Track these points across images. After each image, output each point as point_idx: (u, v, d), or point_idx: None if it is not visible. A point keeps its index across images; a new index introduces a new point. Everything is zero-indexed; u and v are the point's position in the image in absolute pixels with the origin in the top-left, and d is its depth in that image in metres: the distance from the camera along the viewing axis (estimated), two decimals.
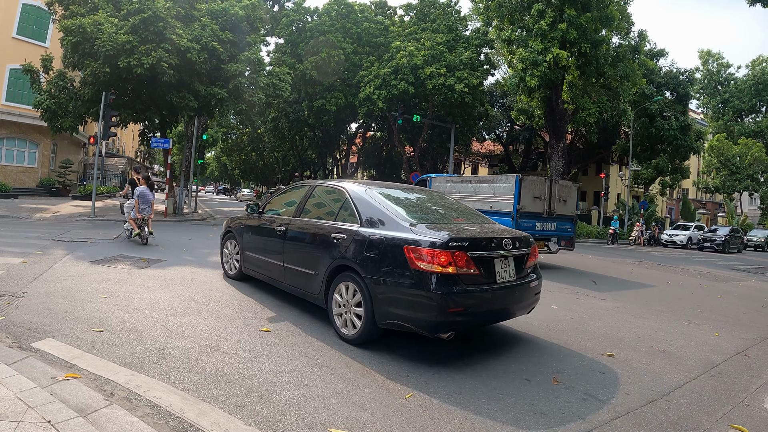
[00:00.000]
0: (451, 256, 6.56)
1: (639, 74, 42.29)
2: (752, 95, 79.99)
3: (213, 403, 5.03)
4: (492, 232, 7.58)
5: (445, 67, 40.83)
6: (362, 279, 7.26)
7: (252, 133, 77.42)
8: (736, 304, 14.70)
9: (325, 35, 45.94)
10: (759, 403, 6.51)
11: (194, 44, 27.98)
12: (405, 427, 4.88)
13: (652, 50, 52.36)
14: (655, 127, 52.16)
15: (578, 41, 37.22)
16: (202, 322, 7.78)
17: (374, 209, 7.75)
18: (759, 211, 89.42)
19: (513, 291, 7.34)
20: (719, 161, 70.16)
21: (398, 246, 6.88)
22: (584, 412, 5.66)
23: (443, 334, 6.69)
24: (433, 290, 6.44)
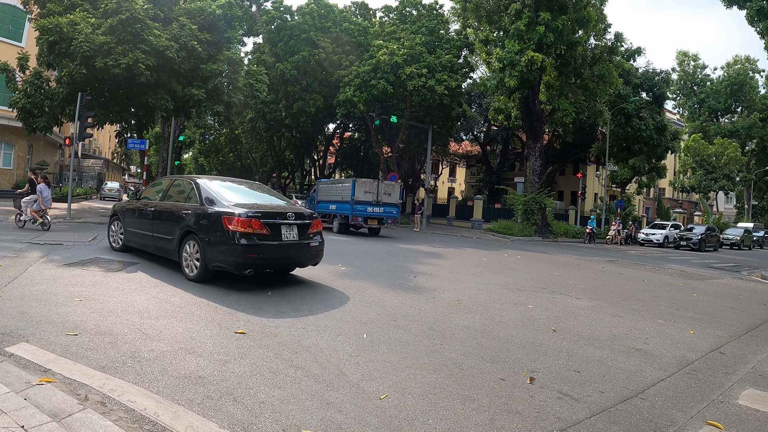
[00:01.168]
0: (249, 222, 10.62)
1: (615, 75, 42.61)
2: (728, 96, 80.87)
3: (187, 406, 4.99)
4: (280, 209, 11.60)
5: (426, 67, 40.86)
6: (200, 239, 11.08)
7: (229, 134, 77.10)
8: (712, 302, 14.82)
9: (307, 33, 45.87)
10: (734, 400, 6.57)
11: (172, 43, 27.84)
12: (379, 428, 4.86)
13: (629, 50, 52.70)
14: (631, 127, 52.55)
15: (554, 43, 37.41)
16: (177, 325, 7.72)
17: (210, 193, 11.70)
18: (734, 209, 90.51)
19: (295, 247, 11.48)
20: (695, 161, 70.88)
21: (220, 216, 10.81)
22: (559, 411, 5.67)
23: (246, 272, 10.64)
24: (238, 243, 10.46)
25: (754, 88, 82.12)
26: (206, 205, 11.40)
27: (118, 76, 26.98)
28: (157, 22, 28.42)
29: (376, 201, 30.97)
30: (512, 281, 15.48)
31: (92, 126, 28.75)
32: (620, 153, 55.83)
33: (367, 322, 8.81)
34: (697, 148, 71.20)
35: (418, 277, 14.48)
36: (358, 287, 12.10)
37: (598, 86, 41.70)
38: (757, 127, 76.08)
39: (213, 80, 30.05)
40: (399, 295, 11.60)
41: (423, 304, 10.84)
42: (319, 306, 9.77)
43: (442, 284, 13.66)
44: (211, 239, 10.84)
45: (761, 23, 32.37)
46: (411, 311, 10.01)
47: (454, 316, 9.94)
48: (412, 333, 8.38)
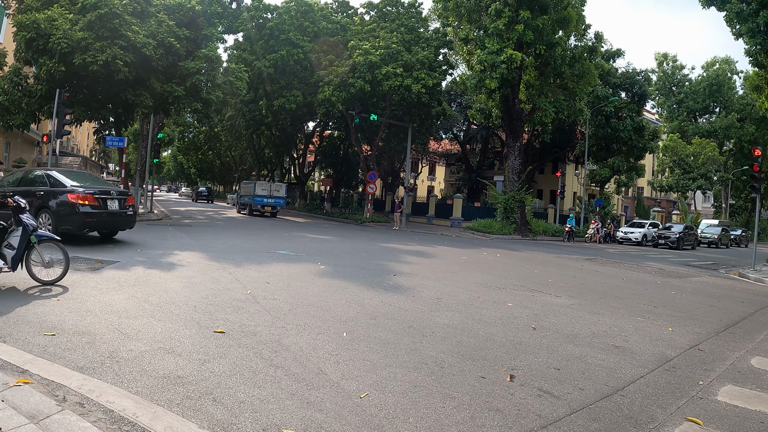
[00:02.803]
0: (86, 197, 15.75)
1: (595, 74, 42.85)
2: (706, 96, 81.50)
3: (167, 406, 4.95)
4: (107, 189, 17.22)
5: (402, 66, 40.81)
6: (51, 210, 15.61)
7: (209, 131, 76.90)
8: (690, 299, 14.95)
9: (286, 34, 45.74)
10: (713, 396, 6.64)
11: (150, 40, 27.63)
12: (360, 427, 4.85)
13: (609, 51, 53.03)
14: (610, 126, 52.82)
15: (534, 42, 37.53)
16: (156, 324, 7.66)
17: (57, 179, 16.29)
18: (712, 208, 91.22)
19: (117, 215, 16.97)
20: (673, 160, 71.35)
21: (65, 193, 15.63)
22: (540, 409, 5.69)
23: (84, 231, 16.37)
24: (79, 211, 15.58)
25: (732, 88, 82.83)
26: (55, 187, 16.05)
27: (96, 73, 26.78)
28: (136, 18, 28.19)
29: (269, 195, 46.54)
30: (492, 279, 15.53)
31: (70, 123, 28.60)
32: (599, 152, 56.09)
33: (347, 321, 8.79)
34: (676, 147, 71.64)
35: (398, 276, 14.48)
36: (337, 286, 12.10)
37: (577, 86, 41.84)
38: (735, 128, 76.71)
39: (191, 78, 29.88)
40: (379, 293, 11.59)
41: (403, 302, 10.85)
42: (298, 305, 9.74)
43: (422, 283, 13.67)
44: (60, 210, 15.59)
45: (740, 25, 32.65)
46: (391, 310, 10.01)
47: (433, 314, 9.95)
48: (392, 331, 8.38)
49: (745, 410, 6.24)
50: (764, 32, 31.57)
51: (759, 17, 30.62)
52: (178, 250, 16.71)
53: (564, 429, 5.25)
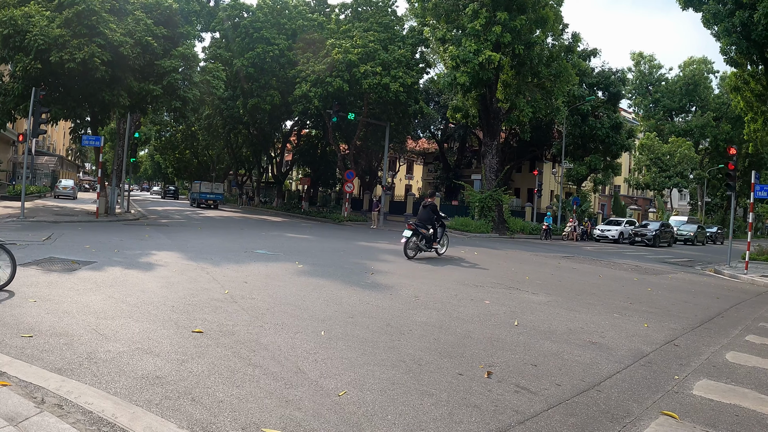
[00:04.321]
0: None
1: (572, 73, 43.05)
2: (682, 95, 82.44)
3: (145, 406, 4.93)
4: None
5: (380, 65, 40.80)
6: None
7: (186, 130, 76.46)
8: (666, 296, 15.09)
9: (260, 32, 45.58)
10: (688, 390, 6.71)
11: (127, 38, 27.42)
12: (339, 425, 4.86)
13: (585, 50, 53.32)
14: (587, 125, 53.18)
15: (512, 43, 37.66)
16: (134, 325, 7.63)
17: None
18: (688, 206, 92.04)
19: None
20: (650, 159, 71.93)
21: None
22: (517, 404, 5.73)
23: None
24: None
25: (708, 88, 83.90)
26: None
27: (73, 71, 26.57)
28: (113, 15, 27.99)
29: (211, 192, 61.52)
30: (469, 277, 15.58)
31: (46, 122, 28.34)
32: (576, 151, 56.43)
33: (325, 320, 8.81)
34: (652, 146, 72.28)
35: (376, 275, 14.52)
36: (315, 284, 12.11)
37: (555, 85, 42.07)
38: (711, 126, 77.68)
39: (168, 76, 29.70)
40: (356, 292, 11.62)
41: (380, 300, 10.89)
42: (276, 304, 9.75)
43: (400, 281, 13.72)
44: None
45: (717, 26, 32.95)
46: (368, 308, 10.04)
47: (411, 312, 10.00)
48: (370, 330, 8.41)
49: (720, 404, 6.32)
50: (740, 32, 31.88)
51: (735, 17, 30.94)
52: (156, 250, 16.63)
53: (541, 424, 5.29)
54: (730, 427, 5.63)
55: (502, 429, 5.11)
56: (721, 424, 5.69)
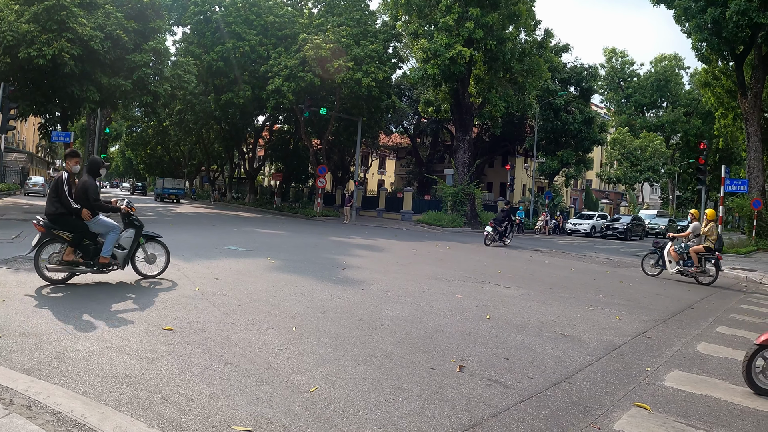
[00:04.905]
0: None
1: (544, 69, 43.31)
2: (653, 91, 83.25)
3: (115, 406, 4.88)
4: None
5: (353, 60, 40.73)
6: None
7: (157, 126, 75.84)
8: (638, 288, 15.21)
9: (231, 27, 45.27)
10: (660, 382, 6.81)
11: (98, 33, 27.14)
12: (310, 421, 4.85)
13: (558, 46, 53.63)
14: (559, 120, 53.55)
15: (484, 39, 37.78)
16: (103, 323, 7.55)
17: None
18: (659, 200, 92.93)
19: None
20: (621, 153, 72.52)
21: None
22: (489, 398, 5.76)
23: None
24: None
25: (679, 84, 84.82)
26: None
27: (42, 67, 26.31)
28: (83, 10, 27.68)
29: (173, 187, 64.31)
30: (441, 272, 15.61)
31: (15, 118, 28.00)
32: (548, 145, 56.77)
33: (296, 315, 8.79)
34: (624, 141, 72.83)
35: (348, 270, 14.51)
36: (287, 280, 12.08)
37: (527, 80, 42.35)
38: (681, 122, 78.55)
39: (138, 71, 29.44)
40: (328, 287, 11.61)
41: (352, 296, 10.89)
42: (248, 300, 9.70)
43: (372, 276, 13.74)
44: None
45: (687, 22, 33.31)
46: (340, 303, 10.04)
47: (383, 307, 10.02)
48: (342, 325, 8.40)
49: (692, 394, 6.41)
50: (711, 29, 32.25)
51: (706, 14, 31.29)
52: None
53: (513, 417, 5.32)
54: (702, 417, 5.71)
55: (474, 423, 5.13)
56: (693, 414, 5.77)
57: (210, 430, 4.56)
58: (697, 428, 5.40)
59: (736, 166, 72.55)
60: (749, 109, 35.08)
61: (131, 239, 10.80)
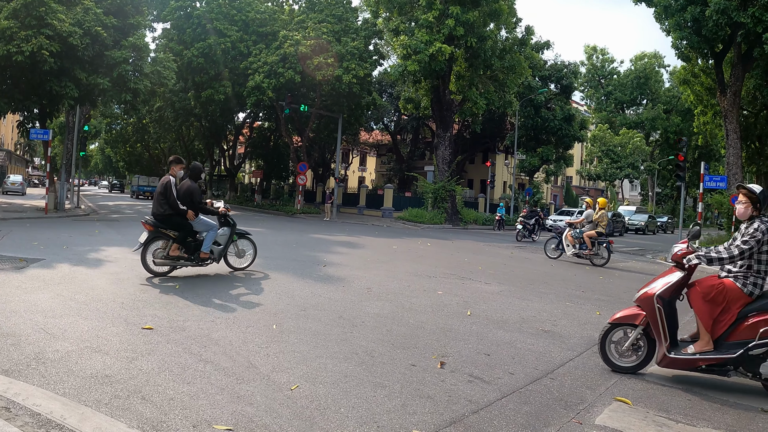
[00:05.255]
0: None
1: (525, 66, 43.54)
2: (633, 88, 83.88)
3: (95, 407, 4.84)
4: None
5: (333, 57, 40.67)
6: None
7: (137, 123, 75.39)
8: (618, 283, 15.32)
9: (212, 23, 45.03)
10: (640, 376, 6.90)
11: (76, 29, 26.88)
12: (291, 419, 4.84)
13: (539, 43, 53.87)
14: (540, 117, 53.81)
15: (465, 36, 37.86)
16: (83, 323, 7.49)
17: None
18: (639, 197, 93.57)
19: None
20: (601, 150, 72.97)
21: None
22: (470, 394, 5.77)
23: None
24: None
25: (659, 82, 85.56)
26: None
27: (21, 63, 26.01)
28: (62, 5, 27.43)
29: (147, 185, 64.75)
30: (422, 268, 15.63)
31: None
32: (529, 142, 56.98)
33: (277, 313, 8.78)
34: (604, 138, 73.30)
35: (328, 267, 14.51)
36: (267, 278, 12.04)
37: (508, 77, 42.51)
38: (661, 119, 79.16)
39: (118, 67, 29.18)
40: (309, 284, 11.61)
41: (333, 293, 10.89)
42: (228, 298, 9.69)
43: (352, 273, 13.73)
44: None
45: (667, 20, 33.52)
46: (321, 300, 10.04)
47: (364, 304, 10.02)
48: (322, 322, 8.40)
49: (672, 389, 6.48)
50: (691, 27, 32.49)
51: (686, 12, 31.52)
52: (105, 246, 16.38)
53: (495, 413, 5.33)
54: (683, 410, 5.77)
55: (456, 419, 5.13)
56: (673, 408, 5.83)
57: (190, 429, 4.54)
58: (678, 422, 5.44)
59: (715, 162, 73.28)
60: (728, 107, 35.36)
61: (227, 236, 12.30)
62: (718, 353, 6.40)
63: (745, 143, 43.74)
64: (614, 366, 7.04)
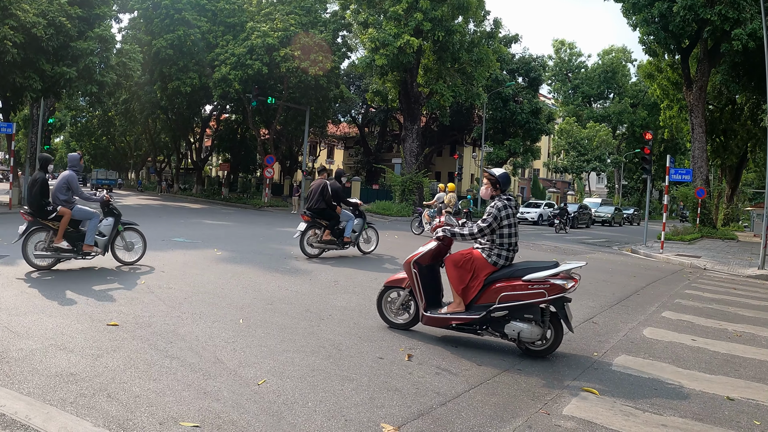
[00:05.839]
0: None
1: (493, 59, 43.73)
2: (601, 82, 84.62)
3: (60, 406, 4.78)
4: None
5: (300, 49, 40.50)
6: None
7: (102, 116, 74.63)
8: (585, 276, 15.29)
9: (181, 13, 44.50)
10: (607, 366, 6.96)
11: (41, 19, 26.49)
12: (258, 414, 4.82)
13: (507, 36, 54.11)
14: (508, 110, 54.08)
15: (433, 30, 37.91)
16: (47, 320, 7.38)
17: None
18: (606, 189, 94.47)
19: None
20: (568, 143, 73.57)
21: None
22: (438, 386, 5.80)
23: None
24: None
25: (626, 76, 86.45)
26: None
27: None
28: None
29: (105, 178, 70.94)
30: (390, 260, 15.70)
31: None
32: (496, 135, 57.27)
33: (244, 307, 8.74)
34: (571, 131, 73.94)
35: (295, 260, 14.50)
36: (234, 271, 12.01)
37: (476, 70, 42.60)
38: (628, 113, 80.00)
39: (84, 59, 28.81)
40: (275, 278, 11.59)
41: (300, 286, 10.88)
42: (194, 293, 9.62)
43: (319, 266, 13.73)
44: None
45: (635, 16, 33.88)
46: (287, 294, 10.02)
47: (331, 297, 10.02)
48: (289, 316, 8.38)
49: (639, 378, 6.55)
50: (658, 23, 32.89)
51: (654, 8, 31.92)
52: None
53: (463, 405, 5.36)
54: (650, 400, 5.83)
55: (424, 411, 5.15)
56: (640, 397, 5.89)
57: (157, 427, 4.50)
58: (644, 411, 5.50)
59: (680, 156, 74.20)
60: (694, 101, 35.87)
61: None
62: (466, 314, 7.31)
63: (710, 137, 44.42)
64: (391, 323, 8.14)
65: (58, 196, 11.05)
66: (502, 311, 7.03)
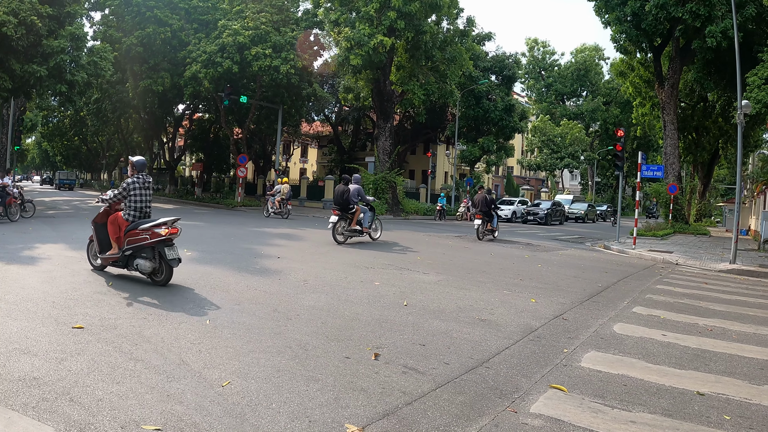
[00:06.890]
0: None
1: (466, 57, 43.97)
2: (574, 80, 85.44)
3: (21, 411, 4.72)
4: None
5: (272, 47, 40.36)
6: None
7: (74, 116, 74.08)
8: (556, 271, 15.51)
9: (152, 11, 44.17)
10: (576, 363, 6.95)
11: (10, 18, 26.21)
12: (222, 417, 4.79)
13: (480, 34, 54.21)
14: (481, 108, 54.20)
15: (405, 29, 37.95)
16: (11, 324, 7.28)
17: None
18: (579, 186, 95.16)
19: None
20: (542, 141, 74.06)
21: None
22: (404, 385, 5.78)
23: None
24: None
25: (599, 74, 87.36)
26: None
27: None
28: None
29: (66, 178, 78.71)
30: (360, 259, 15.64)
31: None
32: (470, 133, 57.39)
33: (211, 308, 8.70)
34: (544, 128, 74.52)
35: (265, 259, 14.45)
36: (202, 272, 11.93)
37: (449, 68, 42.75)
38: (601, 110, 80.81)
39: (54, 57, 28.53)
40: (244, 278, 11.54)
41: (268, 286, 10.83)
42: (161, 294, 9.54)
43: (289, 265, 13.68)
44: None
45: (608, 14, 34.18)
46: (256, 294, 9.98)
47: (299, 296, 9.98)
48: (256, 316, 8.35)
49: (608, 374, 6.55)
50: (630, 21, 33.21)
51: (626, 7, 32.28)
52: (39, 243, 15.97)
53: (429, 404, 5.34)
54: (619, 396, 5.85)
55: (389, 411, 5.14)
56: (609, 394, 5.90)
57: (119, 430, 4.46)
58: (613, 407, 5.51)
59: (653, 153, 74.97)
60: (666, 99, 36.26)
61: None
62: (117, 255, 10.48)
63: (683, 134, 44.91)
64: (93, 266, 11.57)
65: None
66: (129, 251, 10.22)
